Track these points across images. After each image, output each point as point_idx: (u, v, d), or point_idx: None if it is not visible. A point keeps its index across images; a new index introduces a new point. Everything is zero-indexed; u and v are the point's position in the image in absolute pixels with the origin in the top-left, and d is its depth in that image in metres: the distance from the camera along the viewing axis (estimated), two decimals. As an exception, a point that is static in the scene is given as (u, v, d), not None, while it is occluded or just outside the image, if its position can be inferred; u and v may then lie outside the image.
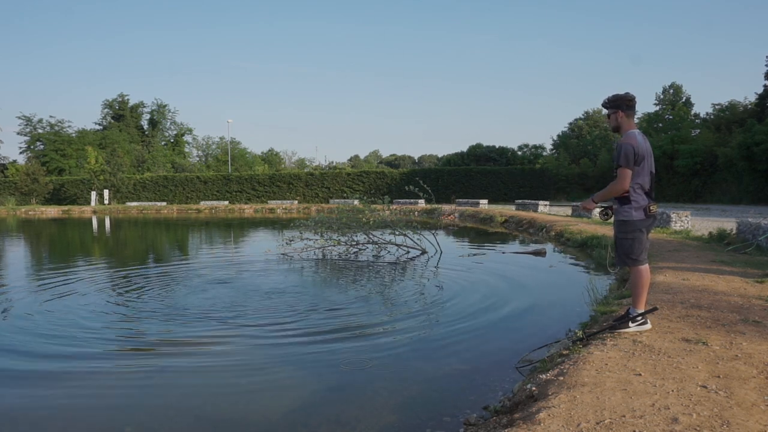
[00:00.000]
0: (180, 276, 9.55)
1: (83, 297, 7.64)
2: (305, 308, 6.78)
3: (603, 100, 4.27)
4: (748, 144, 25.21)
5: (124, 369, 4.73)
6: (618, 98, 4.20)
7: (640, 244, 4.18)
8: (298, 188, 44.21)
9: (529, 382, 3.68)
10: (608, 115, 4.27)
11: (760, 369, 3.32)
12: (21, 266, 12.44)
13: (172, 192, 45.57)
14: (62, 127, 56.82)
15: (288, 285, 8.50)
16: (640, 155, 4.04)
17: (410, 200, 31.94)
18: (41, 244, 18.22)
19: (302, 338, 5.45)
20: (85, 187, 45.78)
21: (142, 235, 22.14)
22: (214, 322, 6.18)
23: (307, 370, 4.59)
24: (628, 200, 4.14)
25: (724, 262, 7.66)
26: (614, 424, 2.62)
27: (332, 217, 12.56)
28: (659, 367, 3.40)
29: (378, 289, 7.96)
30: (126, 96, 61.41)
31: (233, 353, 5.09)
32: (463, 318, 6.14)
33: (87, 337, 5.61)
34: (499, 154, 46.94)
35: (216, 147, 61.80)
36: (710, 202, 28.06)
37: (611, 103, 4.21)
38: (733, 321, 4.44)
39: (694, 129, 34.82)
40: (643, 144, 4.10)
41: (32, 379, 4.52)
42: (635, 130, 4.17)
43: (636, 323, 4.23)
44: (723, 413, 2.70)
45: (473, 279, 8.78)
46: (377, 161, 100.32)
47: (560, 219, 18.05)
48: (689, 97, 47.76)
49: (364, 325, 5.92)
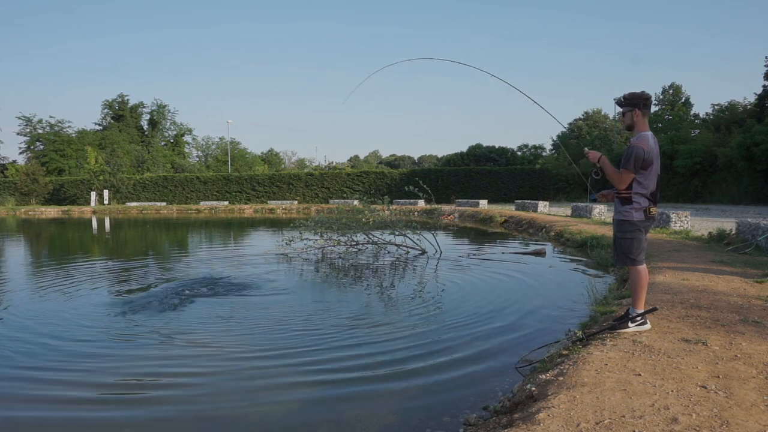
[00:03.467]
0: (179, 276, 9.55)
1: (81, 296, 7.63)
2: (305, 308, 6.79)
3: (618, 98, 4.20)
4: (748, 144, 25.20)
5: (124, 369, 4.73)
6: (635, 96, 4.13)
7: (639, 244, 4.18)
8: (298, 188, 44.21)
9: (528, 382, 3.68)
10: (623, 113, 4.20)
11: (759, 369, 3.32)
12: (21, 267, 12.44)
13: (171, 192, 45.56)
14: (62, 127, 56.89)
15: (287, 285, 8.50)
16: (649, 159, 4.01)
17: (410, 200, 31.94)
18: (40, 245, 18.21)
19: (302, 338, 5.45)
20: (85, 188, 45.78)
21: (142, 235, 22.13)
22: (213, 322, 6.18)
23: (307, 370, 4.58)
24: (629, 201, 4.14)
25: (723, 262, 7.66)
26: (614, 424, 2.63)
27: (332, 217, 12.56)
28: (659, 367, 3.40)
29: (377, 290, 7.96)
30: (126, 96, 61.54)
31: (232, 353, 5.09)
32: (462, 318, 6.14)
33: (87, 336, 5.61)
34: (499, 155, 46.95)
35: (216, 147, 61.87)
36: (710, 203, 28.05)
37: (628, 101, 4.14)
38: (733, 321, 4.44)
39: (693, 129, 34.80)
40: (654, 147, 4.07)
41: (32, 378, 4.52)
42: (648, 132, 4.13)
43: (635, 323, 4.24)
44: (722, 413, 2.70)
45: (473, 279, 8.78)
46: (377, 161, 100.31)
47: (560, 219, 18.05)
48: (689, 98, 47.90)
49: (364, 325, 5.92)
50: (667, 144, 31.10)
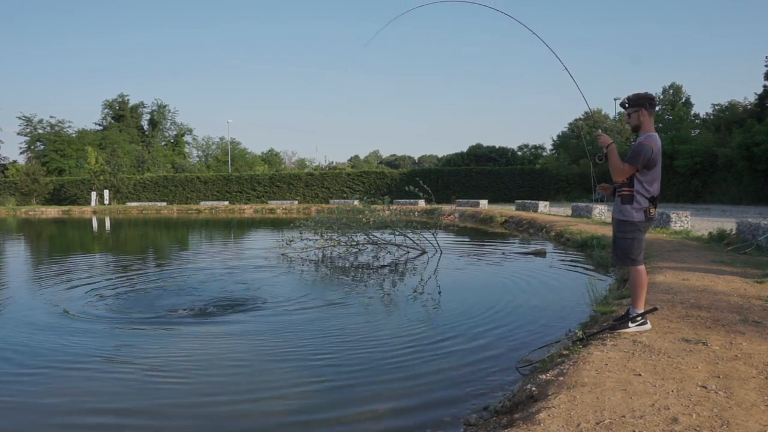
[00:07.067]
0: (178, 275, 9.55)
1: (82, 296, 7.64)
2: (304, 308, 6.78)
3: (622, 100, 4.24)
4: (748, 144, 25.19)
5: (123, 368, 4.72)
6: (641, 97, 4.16)
7: (639, 244, 4.19)
8: (298, 188, 44.20)
9: (529, 382, 3.68)
10: (629, 114, 4.21)
11: (760, 369, 3.32)
12: (20, 267, 12.44)
13: (172, 192, 45.55)
14: (62, 127, 56.83)
15: (287, 286, 8.50)
16: (654, 159, 4.04)
17: (410, 200, 31.92)
18: (41, 245, 18.22)
19: (301, 338, 5.45)
20: (85, 188, 45.76)
21: (142, 234, 22.14)
22: (212, 321, 6.18)
23: (307, 370, 4.59)
24: (630, 200, 4.14)
25: (723, 262, 7.66)
26: (614, 425, 2.62)
27: (332, 217, 12.56)
28: (659, 367, 3.40)
29: (377, 290, 7.96)
30: (126, 96, 61.46)
31: (232, 353, 5.09)
32: (463, 318, 6.14)
33: (86, 335, 5.61)
34: (499, 155, 46.92)
35: (216, 147, 61.79)
36: (710, 203, 28.05)
37: (633, 101, 4.16)
38: (733, 321, 4.44)
39: (693, 129, 34.80)
40: (660, 149, 4.11)
41: (31, 377, 4.52)
42: (656, 133, 4.16)
43: (636, 323, 4.24)
44: (723, 413, 2.70)
45: (473, 279, 8.78)
46: (377, 161, 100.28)
47: (560, 219, 18.05)
48: (689, 97, 47.84)
49: (364, 325, 5.92)
50: (668, 144, 31.08)
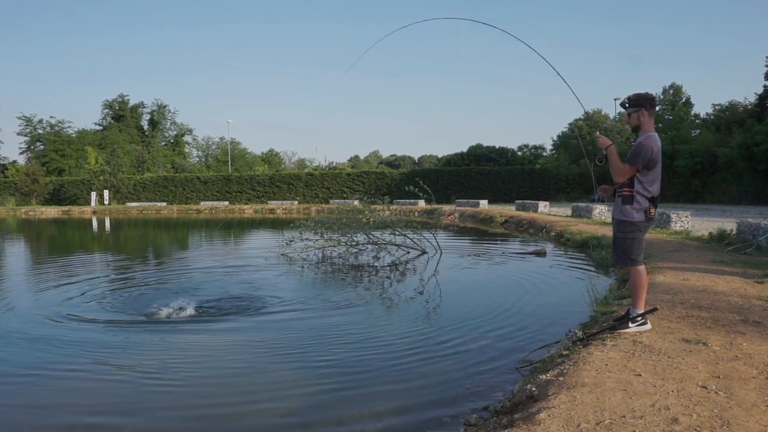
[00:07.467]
0: (178, 275, 9.55)
1: (80, 295, 7.64)
2: (304, 308, 6.78)
3: (622, 100, 4.24)
4: (748, 144, 25.19)
5: (123, 369, 4.72)
6: (641, 97, 4.16)
7: (639, 244, 4.19)
8: (298, 189, 44.20)
9: (529, 382, 3.68)
10: (629, 114, 4.21)
11: (760, 369, 3.32)
12: (19, 267, 12.44)
13: (172, 192, 45.55)
14: (62, 127, 56.85)
15: (287, 286, 8.49)
16: (654, 160, 4.04)
17: (410, 200, 31.90)
18: (40, 245, 18.22)
19: (301, 338, 5.45)
20: (85, 188, 45.76)
21: (142, 235, 22.14)
22: (212, 321, 6.17)
23: (307, 370, 4.58)
24: (631, 200, 4.14)
25: (724, 262, 7.65)
26: (614, 425, 2.62)
27: (332, 217, 12.56)
28: (659, 367, 3.40)
29: (378, 290, 7.96)
30: (126, 96, 61.48)
31: (232, 353, 5.09)
32: (462, 318, 6.13)
33: (86, 334, 5.61)
34: (499, 155, 46.92)
35: (216, 147, 61.79)
36: (710, 203, 28.05)
37: (634, 101, 4.15)
38: (733, 321, 4.44)
39: (694, 129, 34.81)
40: (660, 149, 4.10)
41: (31, 378, 4.52)
42: (656, 133, 4.15)
43: (636, 323, 4.23)
44: (723, 414, 2.70)
45: (473, 279, 8.77)
46: (377, 161, 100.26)
47: (560, 219, 18.05)
48: (689, 98, 47.87)
49: (364, 325, 5.92)
50: (668, 144, 31.08)
